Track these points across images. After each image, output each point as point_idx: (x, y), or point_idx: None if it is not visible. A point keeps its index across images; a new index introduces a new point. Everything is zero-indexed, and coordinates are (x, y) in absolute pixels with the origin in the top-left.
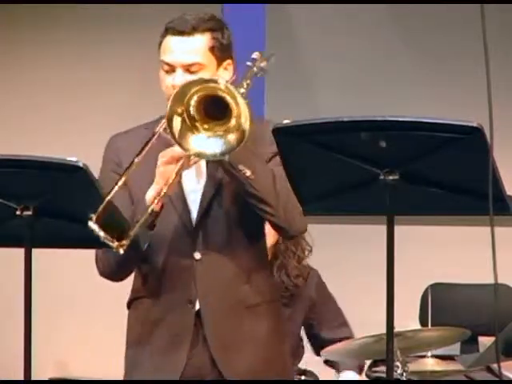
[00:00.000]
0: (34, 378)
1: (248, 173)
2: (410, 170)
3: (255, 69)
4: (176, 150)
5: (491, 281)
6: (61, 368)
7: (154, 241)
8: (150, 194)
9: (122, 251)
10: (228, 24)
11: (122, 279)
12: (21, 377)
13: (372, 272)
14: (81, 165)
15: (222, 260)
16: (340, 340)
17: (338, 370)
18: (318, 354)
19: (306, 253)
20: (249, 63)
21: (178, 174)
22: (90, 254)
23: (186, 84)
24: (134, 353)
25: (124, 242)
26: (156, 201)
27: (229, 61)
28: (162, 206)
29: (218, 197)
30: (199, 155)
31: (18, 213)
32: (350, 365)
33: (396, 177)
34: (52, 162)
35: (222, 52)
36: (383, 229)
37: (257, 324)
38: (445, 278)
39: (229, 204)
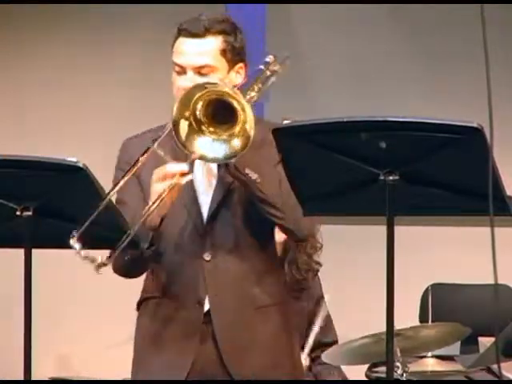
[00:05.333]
0: (34, 377)
1: (254, 176)
2: (410, 171)
3: (268, 72)
4: (169, 167)
5: (491, 281)
6: (61, 368)
7: (166, 241)
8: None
9: (105, 264)
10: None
11: (135, 277)
12: (21, 376)
13: (372, 272)
14: (81, 165)
15: (232, 261)
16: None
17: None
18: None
19: (317, 249)
20: (262, 66)
21: (171, 192)
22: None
23: (190, 89)
24: (143, 351)
25: (106, 261)
26: (150, 216)
27: (241, 64)
28: (161, 221)
29: (228, 199)
30: (201, 158)
31: (18, 213)
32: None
33: (396, 177)
34: (52, 163)
35: (233, 55)
36: (383, 229)
37: (266, 325)
38: (445, 279)
39: (238, 207)
